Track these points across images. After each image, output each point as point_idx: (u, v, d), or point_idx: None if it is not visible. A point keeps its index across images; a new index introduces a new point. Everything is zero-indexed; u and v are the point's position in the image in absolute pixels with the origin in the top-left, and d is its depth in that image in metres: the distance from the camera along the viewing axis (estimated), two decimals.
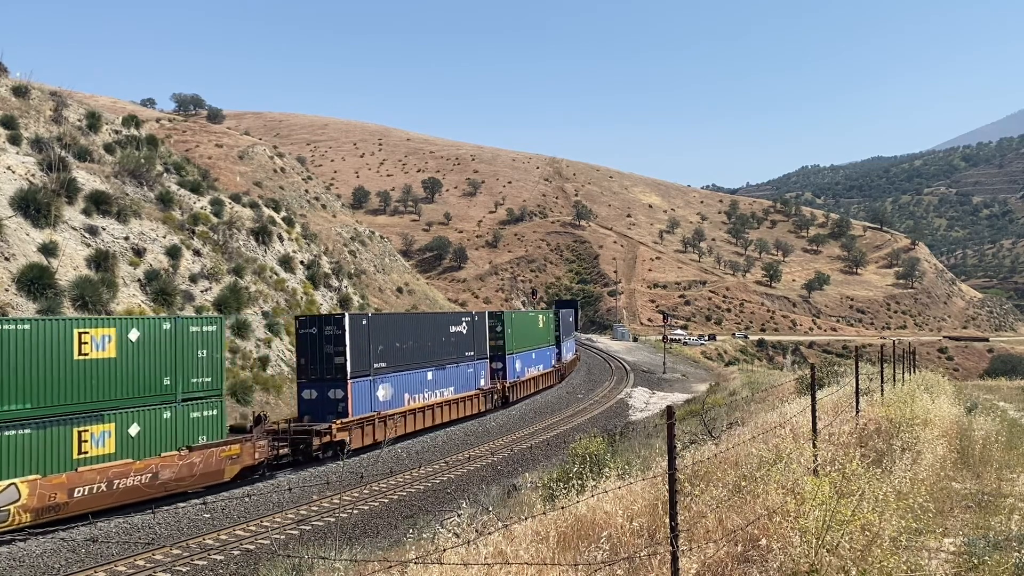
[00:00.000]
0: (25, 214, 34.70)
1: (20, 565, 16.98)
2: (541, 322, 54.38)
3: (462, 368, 38.58)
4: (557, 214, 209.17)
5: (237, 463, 24.06)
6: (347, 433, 29.12)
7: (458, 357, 38.22)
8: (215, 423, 23.74)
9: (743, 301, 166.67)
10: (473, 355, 39.92)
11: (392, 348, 32.20)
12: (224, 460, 23.64)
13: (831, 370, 30.69)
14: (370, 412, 30.67)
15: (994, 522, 9.49)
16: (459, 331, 38.55)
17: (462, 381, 38.44)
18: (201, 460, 22.83)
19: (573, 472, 13.15)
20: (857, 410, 14.43)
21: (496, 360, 44.03)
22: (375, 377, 31.19)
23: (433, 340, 35.87)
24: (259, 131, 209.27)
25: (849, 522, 7.01)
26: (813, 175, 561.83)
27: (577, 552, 7.92)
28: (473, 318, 40.87)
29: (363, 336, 30.40)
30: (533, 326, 52.49)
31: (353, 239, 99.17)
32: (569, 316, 70.94)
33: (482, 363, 41.31)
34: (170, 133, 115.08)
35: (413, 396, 33.75)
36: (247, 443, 24.51)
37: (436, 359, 35.92)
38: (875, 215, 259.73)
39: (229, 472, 23.77)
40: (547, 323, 56.20)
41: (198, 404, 23.20)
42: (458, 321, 39.18)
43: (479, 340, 40.99)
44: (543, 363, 53.60)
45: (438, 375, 35.96)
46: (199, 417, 23.22)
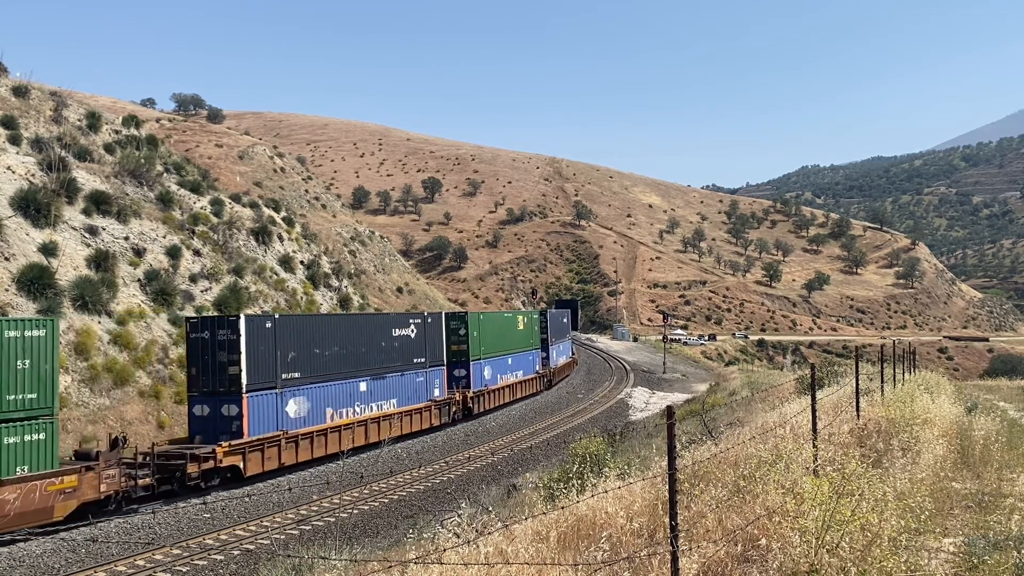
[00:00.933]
0: (25, 214, 34.71)
1: (20, 565, 16.99)
2: (521, 323, 49.93)
3: (409, 377, 33.87)
4: (557, 214, 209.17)
5: (73, 498, 19.75)
6: (239, 457, 24.58)
7: (404, 364, 33.58)
8: (41, 450, 19.35)
9: (743, 301, 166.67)
10: (425, 362, 35.27)
11: (309, 355, 27.78)
12: (53, 495, 19.25)
13: (831, 370, 30.72)
14: (275, 431, 26.09)
15: (994, 522, 9.49)
16: (405, 335, 33.97)
17: (408, 392, 33.79)
18: (17, 497, 18.38)
19: (573, 472, 13.16)
20: (857, 410, 14.44)
21: (458, 367, 39.78)
22: (284, 390, 26.65)
23: (369, 345, 31.32)
24: (259, 131, 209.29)
25: (849, 522, 7.02)
26: (813, 175, 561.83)
27: (577, 552, 7.93)
28: (425, 320, 36.36)
29: (266, 341, 25.98)
30: (509, 328, 47.81)
31: (353, 239, 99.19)
32: (563, 317, 67.02)
33: (436, 371, 36.60)
34: (170, 133, 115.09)
35: (339, 411, 29.26)
36: (88, 473, 20.16)
37: (373, 367, 31.39)
38: (875, 215, 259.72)
39: (61, 510, 19.46)
40: (529, 324, 51.75)
41: (16, 427, 18.77)
42: (404, 323, 34.50)
43: (433, 344, 36.57)
44: (523, 369, 49.10)
45: (375, 386, 31.32)
46: (17, 443, 18.80)
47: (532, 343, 51.73)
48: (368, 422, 30.65)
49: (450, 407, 37.31)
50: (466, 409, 39.25)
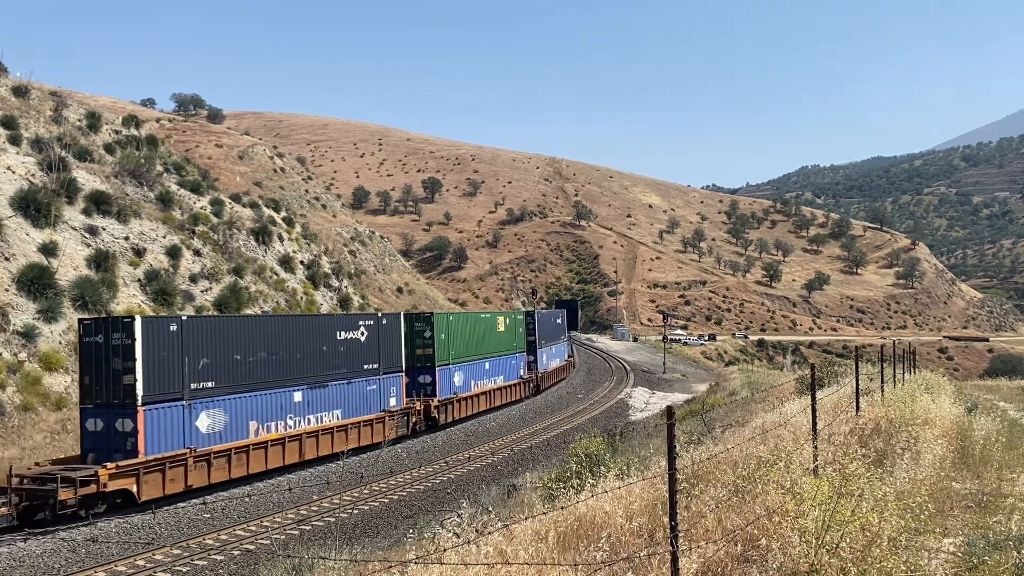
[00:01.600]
0: (25, 214, 34.72)
1: (20, 565, 16.99)
2: (502, 325, 46.17)
3: (358, 386, 30.73)
4: (557, 214, 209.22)
5: None
6: (132, 480, 21.33)
7: (351, 371, 30.35)
8: None
9: (743, 301, 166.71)
10: (378, 368, 31.90)
11: (228, 362, 24.68)
12: None
13: (831, 370, 30.72)
14: (181, 448, 22.94)
15: (994, 522, 9.49)
16: (353, 338, 30.65)
17: (356, 402, 30.66)
18: None
19: (573, 472, 13.17)
20: (857, 410, 14.44)
21: (423, 373, 36.59)
22: (194, 402, 23.53)
23: (306, 350, 28.02)
24: (259, 131, 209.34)
25: (849, 522, 7.02)
26: (813, 175, 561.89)
27: (577, 552, 7.93)
28: (378, 321, 32.78)
29: (170, 347, 22.94)
30: (487, 330, 44.14)
31: (353, 239, 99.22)
32: (556, 317, 63.77)
33: (392, 377, 33.06)
34: (170, 133, 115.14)
35: (266, 425, 26.06)
36: None
37: (311, 375, 28.10)
38: (875, 215, 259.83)
39: None
40: (512, 326, 47.95)
41: None
42: (352, 325, 31.00)
43: (389, 348, 33.03)
44: (505, 374, 45.47)
45: (314, 396, 28.20)
46: None
47: (515, 346, 48.09)
48: (304, 437, 27.28)
49: (409, 418, 33.67)
50: (430, 420, 35.73)
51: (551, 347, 57.73)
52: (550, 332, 57.76)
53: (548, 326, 57.23)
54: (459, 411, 38.77)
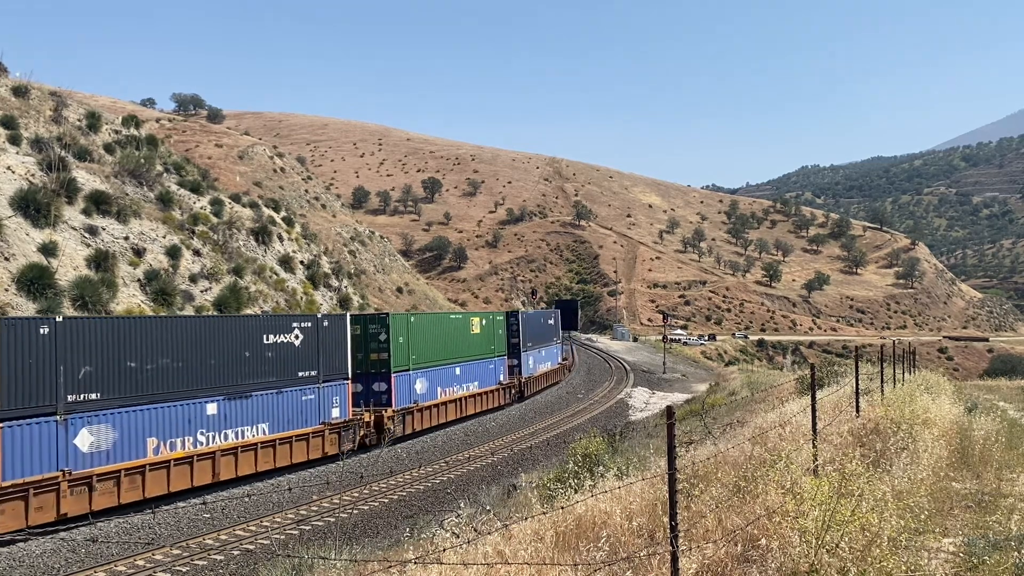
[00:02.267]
0: (25, 214, 34.73)
1: (20, 565, 16.99)
2: (476, 326, 42.53)
3: (290, 396, 27.34)
4: (557, 214, 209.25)
5: None
6: None
7: (282, 379, 27.00)
8: None
9: (743, 301, 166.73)
10: (316, 376, 28.44)
11: (119, 370, 21.74)
12: None
13: (831, 370, 30.69)
14: (52, 471, 19.93)
15: (994, 522, 9.49)
16: (285, 342, 27.25)
17: (289, 414, 27.27)
18: None
19: (573, 472, 13.17)
20: (857, 410, 14.44)
21: (377, 380, 33.25)
22: (72, 416, 20.65)
23: (222, 356, 24.70)
24: (259, 131, 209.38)
25: (848, 522, 7.02)
26: (813, 175, 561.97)
27: (576, 552, 7.93)
28: (317, 323, 29.07)
29: (39, 352, 20.04)
30: (457, 332, 40.43)
31: (353, 239, 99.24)
32: (548, 318, 60.11)
33: (334, 386, 29.46)
34: (170, 133, 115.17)
35: (170, 442, 22.96)
36: None
37: (229, 384, 24.93)
38: (875, 215, 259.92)
39: None
40: (490, 327, 44.20)
41: None
42: (284, 328, 27.50)
43: (331, 354, 29.49)
44: (480, 380, 42.02)
45: (233, 408, 24.95)
46: None
47: (494, 349, 44.48)
48: (219, 454, 24.00)
49: (355, 430, 30.16)
50: (383, 432, 32.34)
51: (540, 350, 54.27)
52: (538, 334, 54.34)
53: (536, 327, 53.74)
54: (421, 421, 35.23)
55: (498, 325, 45.89)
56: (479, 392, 41.76)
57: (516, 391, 47.16)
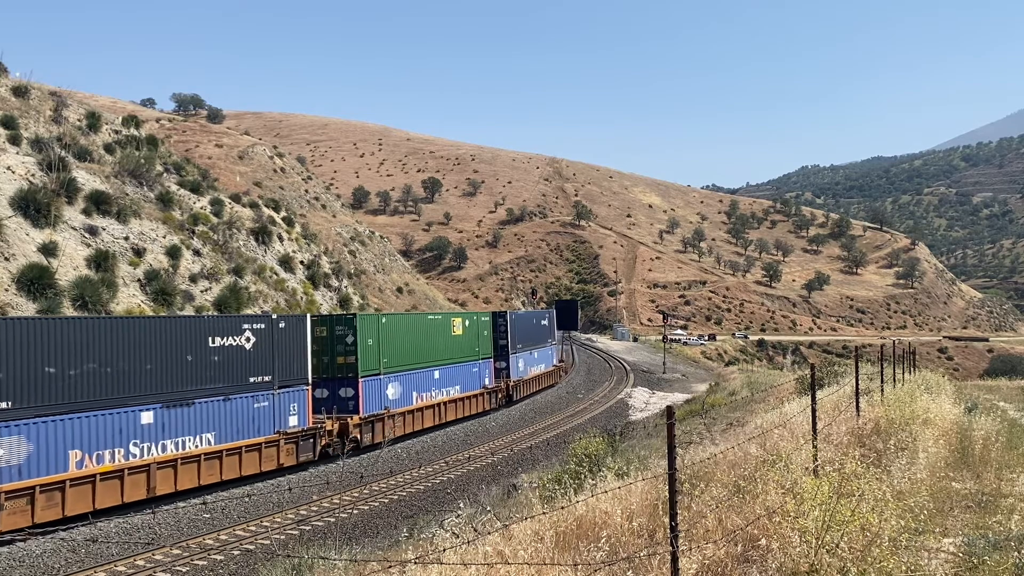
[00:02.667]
0: (25, 214, 34.73)
1: (20, 565, 16.99)
2: (458, 327, 40.50)
3: (239, 403, 25.29)
4: (557, 214, 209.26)
5: None
6: None
7: (230, 386, 24.99)
8: None
9: (743, 301, 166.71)
10: (271, 381, 26.39)
11: (34, 376, 19.99)
12: None
13: (831, 370, 30.71)
14: None
15: (994, 522, 9.49)
16: (234, 345, 25.22)
17: (238, 423, 25.21)
18: None
19: (573, 472, 13.17)
20: (857, 410, 14.44)
21: (344, 385, 31.15)
22: None
23: (161, 360, 22.74)
24: (259, 131, 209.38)
25: (848, 522, 7.02)
26: (813, 175, 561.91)
27: (576, 552, 7.93)
28: (272, 325, 26.87)
29: None
30: (436, 333, 38.38)
31: (353, 239, 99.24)
32: (541, 318, 57.76)
33: (292, 392, 27.36)
34: (170, 133, 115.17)
35: (97, 455, 21.07)
36: None
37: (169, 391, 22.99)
38: (875, 215, 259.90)
39: None
40: (474, 328, 42.11)
41: None
42: (233, 329, 25.36)
43: (288, 357, 27.37)
44: (463, 384, 40.09)
45: (172, 416, 22.93)
46: None
47: (478, 351, 42.42)
48: (154, 467, 22.02)
49: (315, 440, 28.01)
50: (351, 441, 30.36)
51: (531, 351, 51.98)
52: (529, 335, 52.06)
53: (526, 328, 51.53)
54: (394, 429, 32.96)
55: (483, 326, 43.82)
56: (461, 397, 39.61)
57: (503, 395, 45.05)
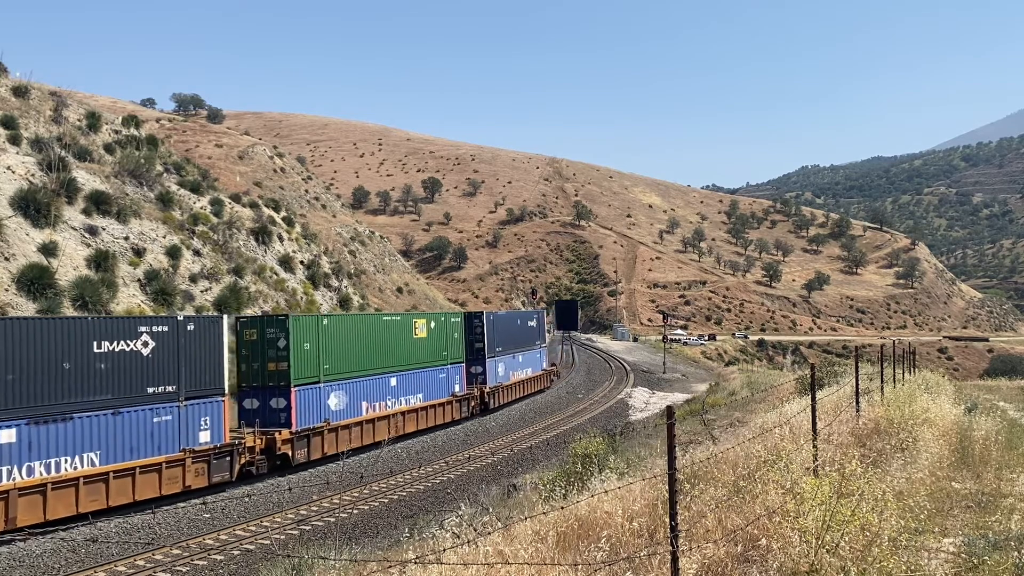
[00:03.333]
0: (25, 214, 34.73)
1: (20, 565, 17.00)
2: (422, 329, 36.75)
3: (133, 417, 21.88)
4: (557, 214, 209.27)
5: None
6: None
7: (121, 397, 21.66)
8: None
9: (743, 301, 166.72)
10: (175, 392, 23.16)
11: None
12: None
13: (831, 370, 30.72)
14: None
15: (994, 522, 9.50)
16: (127, 351, 21.94)
17: (133, 440, 21.88)
18: None
19: (573, 472, 13.17)
20: (857, 410, 14.44)
21: (276, 395, 27.57)
22: None
23: (27, 369, 19.69)
24: (259, 131, 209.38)
25: (848, 522, 7.02)
26: (813, 175, 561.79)
27: (577, 552, 7.93)
28: (178, 327, 23.54)
29: None
30: (395, 336, 34.49)
31: (353, 239, 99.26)
32: (529, 319, 54.08)
33: (204, 404, 24.01)
34: (170, 133, 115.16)
35: None
36: None
37: (38, 405, 19.77)
38: (875, 215, 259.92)
39: None
40: (441, 330, 38.52)
41: None
42: (125, 332, 22.02)
43: (199, 364, 23.97)
44: (427, 391, 36.32)
45: (41, 434, 19.82)
46: None
47: (447, 356, 38.71)
48: (15, 494, 18.76)
49: (232, 458, 24.60)
50: (276, 458, 26.68)
51: (515, 355, 48.41)
52: (512, 337, 48.39)
53: (508, 330, 47.78)
54: (336, 443, 29.46)
55: (453, 328, 40.03)
56: (424, 406, 35.92)
57: (477, 403, 41.41)
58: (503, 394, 45.40)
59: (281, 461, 26.94)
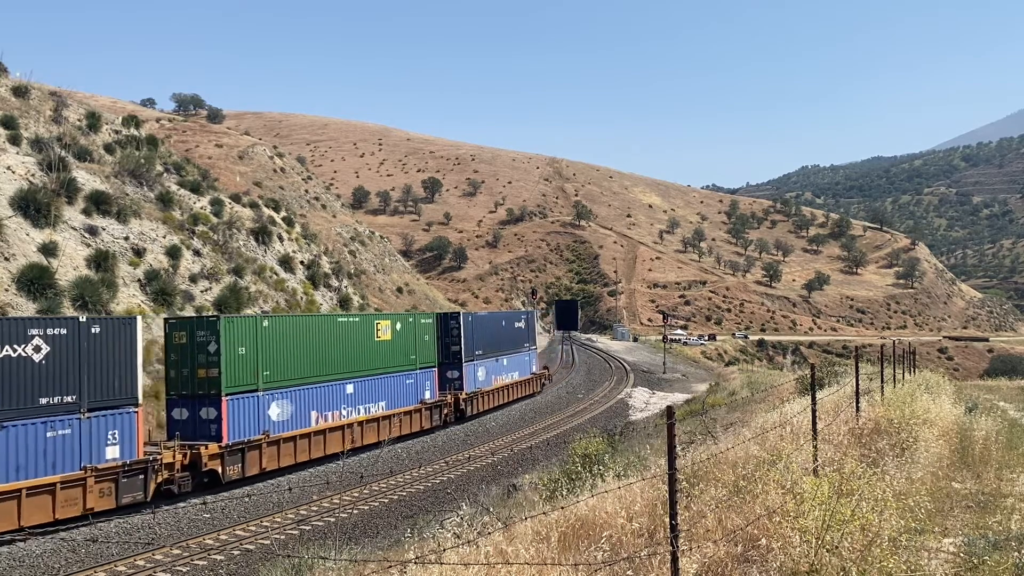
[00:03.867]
0: (25, 214, 34.73)
1: (20, 565, 17.00)
2: (386, 331, 33.71)
3: (19, 432, 19.22)
4: (557, 214, 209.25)
5: None
6: None
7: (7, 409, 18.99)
8: None
9: (743, 301, 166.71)
10: (75, 403, 20.55)
11: None
12: None
13: (831, 370, 30.72)
14: None
15: (994, 522, 9.50)
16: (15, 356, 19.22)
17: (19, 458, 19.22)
18: None
19: (573, 472, 13.18)
20: (857, 410, 14.44)
21: (205, 405, 25.15)
22: None
23: None
24: (259, 131, 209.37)
25: (849, 522, 7.03)
26: (813, 175, 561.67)
27: (577, 552, 7.93)
28: (79, 330, 20.85)
29: None
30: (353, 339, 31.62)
31: (353, 239, 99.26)
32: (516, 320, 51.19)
33: (112, 416, 21.41)
34: (170, 133, 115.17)
35: None
36: None
37: None
38: (875, 215, 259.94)
39: None
40: (410, 332, 35.44)
41: None
42: (13, 336, 19.27)
43: (105, 372, 21.42)
44: (391, 399, 33.45)
45: None
46: None
47: (415, 360, 35.56)
48: None
49: (147, 476, 21.95)
50: (204, 475, 23.99)
51: (498, 358, 45.29)
52: (495, 340, 45.24)
53: (489, 332, 44.59)
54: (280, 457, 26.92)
55: (424, 330, 36.84)
56: (387, 415, 32.86)
57: (451, 411, 38.38)
58: (483, 401, 42.21)
59: (209, 478, 24.19)
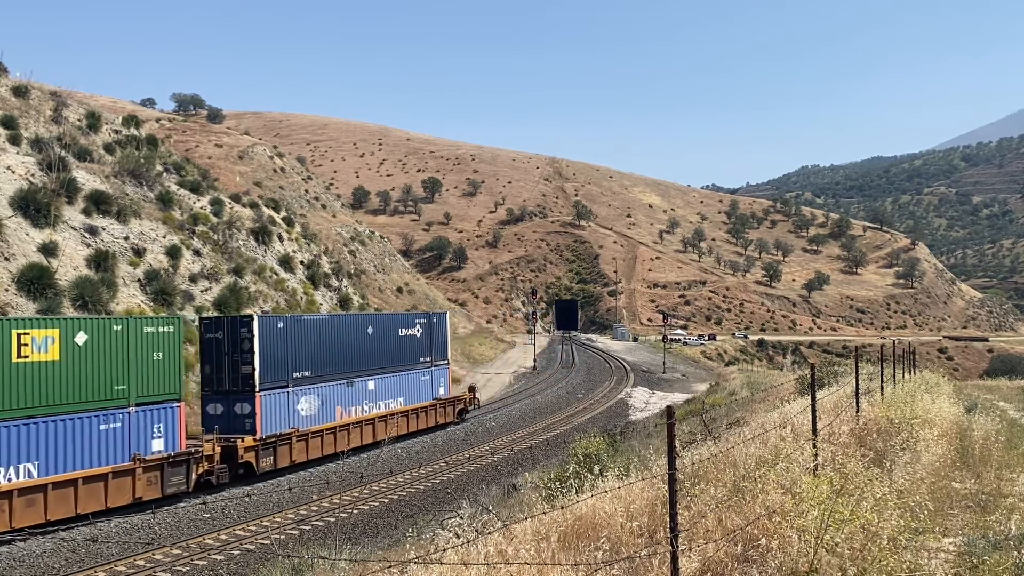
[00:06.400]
0: (25, 214, 34.72)
1: (20, 565, 16.99)
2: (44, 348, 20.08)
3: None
4: (557, 214, 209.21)
5: None
6: None
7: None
8: None
9: (743, 301, 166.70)
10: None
11: None
12: None
13: (831, 370, 30.70)
14: None
15: (994, 522, 9.50)
16: None
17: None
18: None
19: (573, 472, 13.17)
20: (857, 410, 14.44)
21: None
22: None
23: None
24: (259, 131, 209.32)
25: (848, 522, 7.03)
26: (813, 175, 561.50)
27: (577, 552, 7.93)
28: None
29: None
30: None
31: (353, 239, 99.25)
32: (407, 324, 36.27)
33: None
34: (170, 133, 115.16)
35: None
36: None
37: None
38: (875, 215, 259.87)
39: None
40: (100, 348, 21.02)
41: None
42: None
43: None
44: (81, 457, 20.84)
45: None
46: None
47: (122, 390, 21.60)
48: None
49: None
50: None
51: (350, 381, 31.26)
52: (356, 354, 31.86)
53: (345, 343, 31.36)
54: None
55: (156, 340, 22.74)
56: (65, 480, 19.88)
57: (204, 471, 23.83)
58: (300, 448, 27.75)
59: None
